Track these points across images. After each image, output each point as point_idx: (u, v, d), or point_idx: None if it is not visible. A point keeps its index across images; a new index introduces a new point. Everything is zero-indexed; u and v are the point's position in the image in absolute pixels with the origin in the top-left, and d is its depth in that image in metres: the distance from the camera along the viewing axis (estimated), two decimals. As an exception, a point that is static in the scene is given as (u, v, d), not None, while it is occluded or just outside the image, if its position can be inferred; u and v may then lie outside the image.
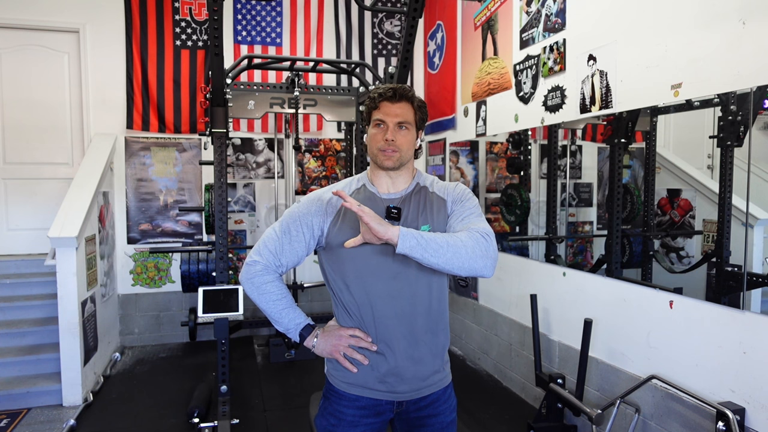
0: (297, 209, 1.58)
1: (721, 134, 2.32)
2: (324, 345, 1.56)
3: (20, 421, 3.45)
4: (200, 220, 5.14)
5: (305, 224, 1.55)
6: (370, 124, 1.58)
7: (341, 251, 1.52)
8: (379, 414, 1.58)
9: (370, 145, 1.58)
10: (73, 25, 4.82)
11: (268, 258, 1.56)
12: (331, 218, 1.55)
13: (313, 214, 1.55)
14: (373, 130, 1.56)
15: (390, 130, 1.53)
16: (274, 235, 1.58)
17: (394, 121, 1.53)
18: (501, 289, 4.01)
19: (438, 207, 1.59)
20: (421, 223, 1.56)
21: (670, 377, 2.45)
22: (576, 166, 3.60)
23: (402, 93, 1.54)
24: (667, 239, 2.95)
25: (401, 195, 1.60)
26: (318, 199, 1.58)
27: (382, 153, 1.54)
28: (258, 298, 1.57)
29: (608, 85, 2.85)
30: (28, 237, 4.80)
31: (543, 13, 3.42)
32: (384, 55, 5.52)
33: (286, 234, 1.56)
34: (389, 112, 1.54)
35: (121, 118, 4.93)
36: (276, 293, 1.57)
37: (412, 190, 1.61)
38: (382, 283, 1.53)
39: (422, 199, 1.60)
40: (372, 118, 1.57)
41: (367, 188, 1.61)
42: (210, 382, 3.93)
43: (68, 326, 3.66)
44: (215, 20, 3.07)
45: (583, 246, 3.64)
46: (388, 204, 1.55)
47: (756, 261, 2.20)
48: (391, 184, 1.60)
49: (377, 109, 1.55)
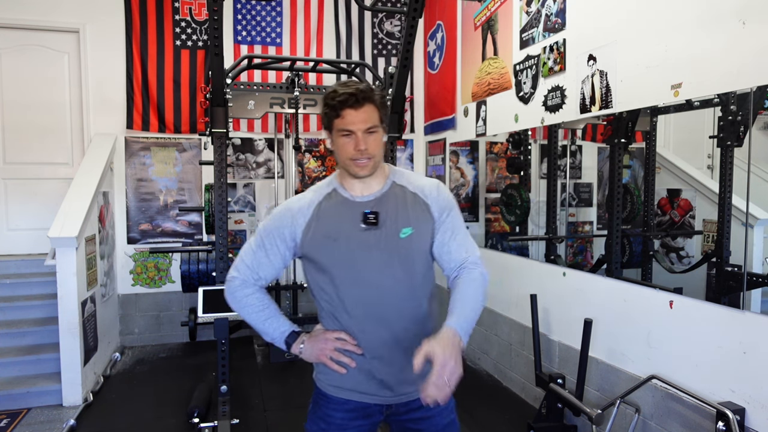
0: (269, 223, 1.57)
1: (721, 134, 2.32)
2: (310, 350, 1.54)
3: (20, 421, 3.45)
4: (200, 220, 5.14)
5: (278, 237, 1.54)
6: (334, 132, 1.48)
7: (320, 259, 1.51)
8: (368, 416, 1.57)
9: (339, 155, 1.50)
10: (73, 25, 4.82)
11: (245, 273, 1.57)
12: (302, 228, 1.52)
13: (285, 226, 1.53)
14: (341, 140, 1.47)
15: (360, 139, 1.44)
16: (250, 251, 1.58)
17: (362, 129, 1.44)
18: (501, 289, 4.01)
19: (419, 208, 1.55)
20: (401, 225, 1.52)
21: (670, 377, 2.45)
22: (576, 166, 3.60)
23: (364, 96, 1.44)
24: (667, 239, 2.95)
25: (376, 196, 1.54)
26: (287, 210, 1.55)
27: (355, 163, 1.47)
28: (241, 310, 1.58)
29: (608, 85, 2.85)
30: (28, 237, 4.80)
31: (543, 13, 3.42)
32: (384, 55, 5.52)
33: (261, 248, 1.56)
34: (355, 120, 1.44)
35: (121, 118, 4.93)
36: (258, 304, 1.57)
37: (388, 189, 1.56)
38: (365, 290, 1.50)
39: (400, 198, 1.55)
40: (336, 126, 1.46)
41: (339, 193, 1.56)
42: (210, 382, 3.93)
43: (68, 326, 3.66)
44: (215, 20, 3.07)
45: (583, 246, 3.64)
46: (362, 208, 1.51)
47: (756, 261, 2.20)
48: (365, 186, 1.54)
49: (340, 117, 1.44)
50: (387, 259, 1.50)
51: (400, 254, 1.51)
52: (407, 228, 1.51)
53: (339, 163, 1.54)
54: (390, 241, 1.50)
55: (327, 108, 1.48)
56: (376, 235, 1.50)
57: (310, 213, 1.53)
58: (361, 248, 1.49)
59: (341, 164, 1.52)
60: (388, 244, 1.50)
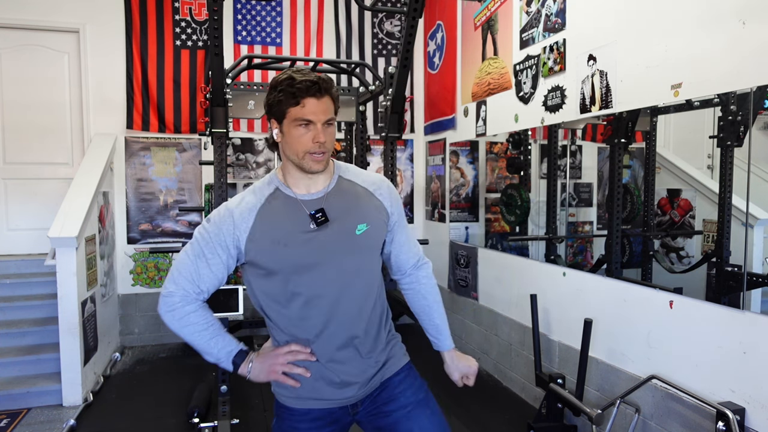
0: (208, 230, 1.42)
1: (721, 134, 2.32)
2: (260, 369, 1.45)
3: (20, 421, 3.45)
4: (200, 220, 5.14)
5: (219, 245, 1.41)
6: (288, 121, 1.37)
7: (268, 265, 1.40)
8: (335, 421, 1.51)
9: (292, 147, 1.38)
10: (73, 25, 4.82)
11: (185, 286, 1.42)
12: (245, 235, 1.39)
13: (226, 234, 1.40)
14: (297, 130, 1.36)
15: (320, 131, 1.35)
16: (188, 261, 1.43)
17: (322, 120, 1.36)
18: (501, 289, 4.01)
19: (372, 204, 1.50)
20: (356, 221, 1.44)
21: (670, 377, 2.45)
22: (576, 166, 3.60)
23: (326, 87, 1.36)
24: (667, 239, 2.95)
25: (325, 192, 1.45)
26: (228, 215, 1.41)
27: (311, 157, 1.37)
28: (181, 330, 1.43)
29: (608, 85, 2.85)
30: (28, 237, 4.80)
31: (543, 13, 3.42)
32: (384, 55, 5.52)
33: (201, 258, 1.41)
34: (317, 110, 1.35)
35: (121, 118, 4.93)
36: (201, 323, 1.43)
37: (335, 185, 1.48)
38: (321, 293, 1.42)
39: (350, 193, 1.48)
40: (292, 115, 1.36)
41: (282, 191, 1.44)
42: (210, 382, 3.93)
43: (68, 326, 3.66)
44: (215, 20, 3.07)
45: (583, 246, 3.64)
46: (311, 208, 1.42)
47: (756, 261, 2.21)
48: (311, 183, 1.45)
49: (299, 105, 1.34)
50: (343, 257, 1.43)
51: (355, 252, 1.45)
52: (362, 224, 1.45)
53: (289, 157, 1.42)
54: (345, 238, 1.43)
55: (282, 94, 1.35)
56: (328, 234, 1.42)
57: (252, 218, 1.41)
58: (314, 250, 1.41)
59: (292, 158, 1.41)
60: (343, 242, 1.43)
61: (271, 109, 1.41)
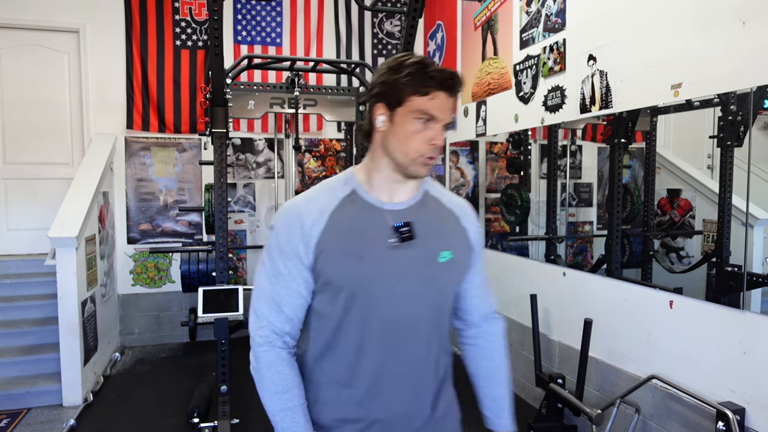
0: (278, 238, 1.19)
1: (721, 134, 2.32)
2: None
3: (20, 421, 3.45)
4: (200, 220, 5.14)
5: (294, 255, 1.17)
6: (405, 111, 1.12)
7: (337, 280, 1.16)
8: None
9: (402, 143, 1.14)
10: (73, 25, 4.82)
11: (269, 317, 1.18)
12: (315, 240, 1.16)
13: (297, 239, 1.16)
14: (414, 125, 1.12)
15: (440, 132, 1.13)
16: (264, 282, 1.20)
17: (446, 120, 1.14)
18: (501, 289, 4.00)
19: (458, 231, 1.27)
20: (439, 246, 1.21)
21: (670, 377, 2.45)
22: (576, 166, 3.60)
23: (460, 84, 1.14)
24: (667, 239, 2.95)
25: (408, 205, 1.21)
26: (296, 217, 1.17)
27: (423, 160, 1.14)
28: (258, 383, 1.19)
29: (608, 85, 2.85)
30: (28, 237, 4.80)
31: (543, 13, 3.42)
32: (384, 55, 5.52)
33: (278, 276, 1.17)
34: (445, 107, 1.13)
35: (121, 118, 4.93)
36: (278, 382, 1.17)
37: (421, 199, 1.24)
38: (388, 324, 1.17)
39: (435, 212, 1.25)
40: (414, 105, 1.11)
41: (360, 196, 1.20)
42: (210, 382, 3.93)
43: (68, 326, 3.66)
44: (215, 20, 3.07)
45: (583, 246, 3.64)
46: (393, 219, 1.19)
47: (756, 261, 2.21)
48: (397, 191, 1.21)
49: (428, 96, 1.10)
50: (420, 286, 1.18)
51: (434, 283, 1.20)
52: (446, 251, 1.20)
53: (391, 154, 1.16)
54: (425, 264, 1.19)
55: (409, 78, 1.10)
56: (409, 254, 1.17)
57: (324, 221, 1.16)
58: (390, 269, 1.16)
59: (397, 156, 1.16)
60: (423, 267, 1.19)
61: (383, 91, 1.14)
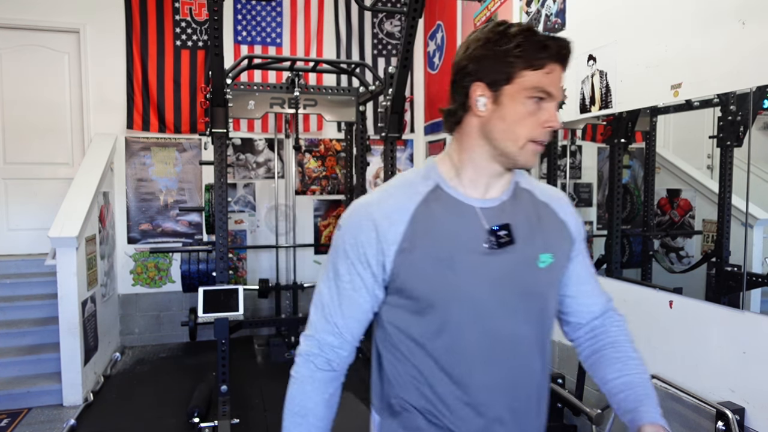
0: (343, 241, 1.02)
1: (721, 134, 2.32)
2: None
3: (20, 420, 3.46)
4: (200, 220, 5.14)
5: (359, 261, 1.00)
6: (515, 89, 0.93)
7: (424, 294, 0.98)
8: None
9: (510, 128, 0.95)
10: (73, 25, 4.82)
11: (317, 326, 1.04)
12: (394, 247, 0.97)
13: (365, 244, 0.98)
14: (526, 105, 0.94)
15: (555, 111, 0.96)
16: (324, 290, 1.05)
17: (560, 98, 0.97)
18: (501, 289, 4.01)
19: (556, 226, 1.08)
20: (538, 248, 1.03)
21: (669, 377, 2.45)
22: (576, 166, 3.60)
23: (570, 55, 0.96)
24: (666, 239, 2.95)
25: (500, 201, 1.03)
26: (367, 218, 0.99)
27: (535, 147, 0.97)
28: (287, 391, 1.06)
29: (608, 85, 2.85)
30: (28, 237, 4.80)
31: (543, 13, 3.42)
32: (384, 55, 5.52)
33: (338, 281, 1.02)
34: (557, 82, 0.95)
35: (121, 118, 4.94)
36: (298, 402, 1.03)
37: (513, 193, 1.06)
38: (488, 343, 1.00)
39: (530, 208, 1.06)
40: (527, 82, 0.92)
41: (445, 191, 1.01)
42: (210, 382, 3.93)
43: (68, 326, 3.66)
44: (215, 20, 3.07)
45: (583, 246, 3.63)
46: (486, 219, 1.00)
47: (756, 261, 2.20)
48: (491, 185, 1.03)
49: (543, 70, 0.92)
50: (520, 296, 1.01)
51: (534, 291, 1.03)
52: (546, 254, 1.03)
53: (494, 141, 0.98)
54: (525, 271, 1.02)
55: (520, 50, 0.92)
56: (506, 261, 1.00)
57: (405, 223, 0.98)
58: (485, 281, 0.98)
59: (503, 144, 0.97)
60: (523, 276, 1.01)
61: (483, 68, 0.95)
